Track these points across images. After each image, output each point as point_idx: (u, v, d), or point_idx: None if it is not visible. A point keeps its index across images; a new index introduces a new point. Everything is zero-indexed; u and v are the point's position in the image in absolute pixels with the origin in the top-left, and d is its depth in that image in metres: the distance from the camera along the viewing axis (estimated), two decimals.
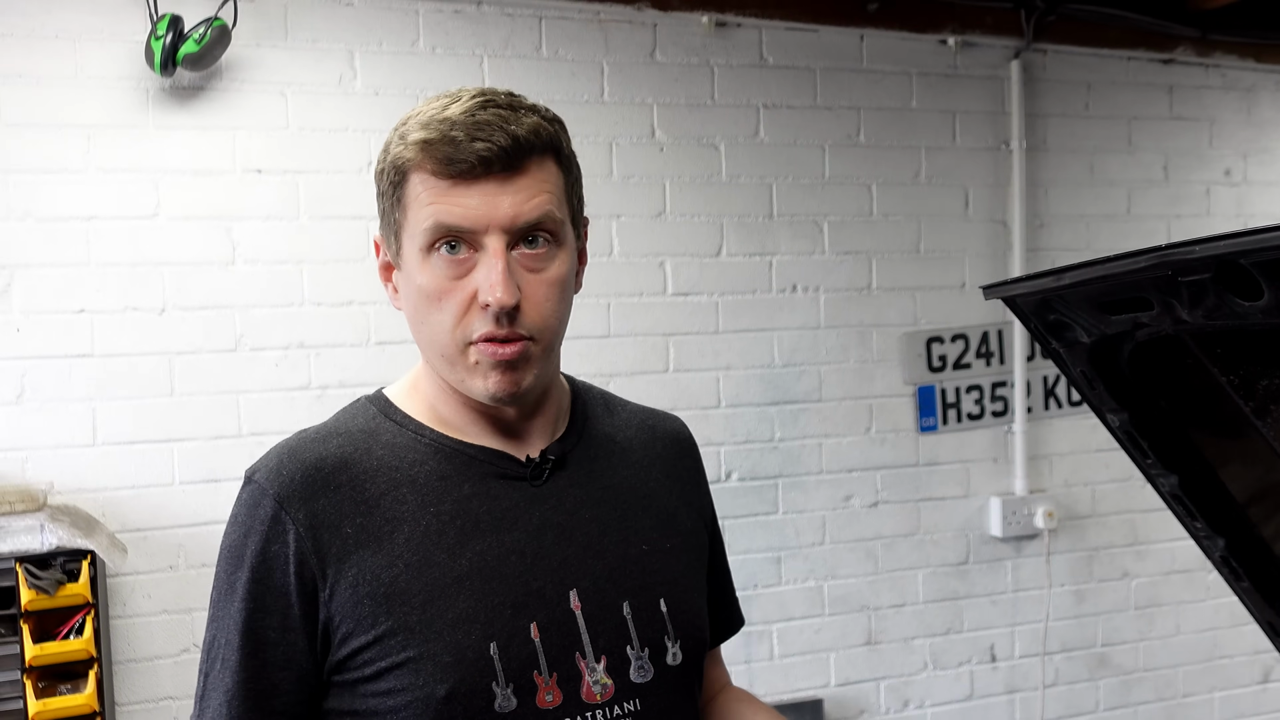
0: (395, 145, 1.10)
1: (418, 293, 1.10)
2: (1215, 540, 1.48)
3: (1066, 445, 3.48)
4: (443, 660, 1.06)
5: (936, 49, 3.28)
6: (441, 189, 1.07)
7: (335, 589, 1.07)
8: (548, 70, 2.89)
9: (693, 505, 1.32)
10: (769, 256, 3.12)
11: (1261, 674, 3.73)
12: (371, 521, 1.10)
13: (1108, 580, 3.55)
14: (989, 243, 3.36)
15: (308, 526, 1.08)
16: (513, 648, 1.08)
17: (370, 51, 2.74)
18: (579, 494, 1.19)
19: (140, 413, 2.59)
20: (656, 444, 1.32)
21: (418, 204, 1.08)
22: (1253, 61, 3.61)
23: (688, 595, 1.23)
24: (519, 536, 1.13)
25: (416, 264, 1.10)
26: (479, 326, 1.08)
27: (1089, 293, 1.26)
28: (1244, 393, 1.28)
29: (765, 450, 3.14)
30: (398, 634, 1.06)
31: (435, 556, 1.09)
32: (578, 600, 1.13)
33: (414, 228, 1.09)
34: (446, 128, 1.06)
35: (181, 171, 2.61)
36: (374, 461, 1.13)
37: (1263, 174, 3.69)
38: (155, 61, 2.47)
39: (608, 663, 1.13)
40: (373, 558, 1.08)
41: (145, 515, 2.60)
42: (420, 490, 1.13)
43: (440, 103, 1.09)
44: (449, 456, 1.15)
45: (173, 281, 2.61)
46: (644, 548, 1.20)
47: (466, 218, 1.07)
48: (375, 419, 1.18)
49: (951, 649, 3.38)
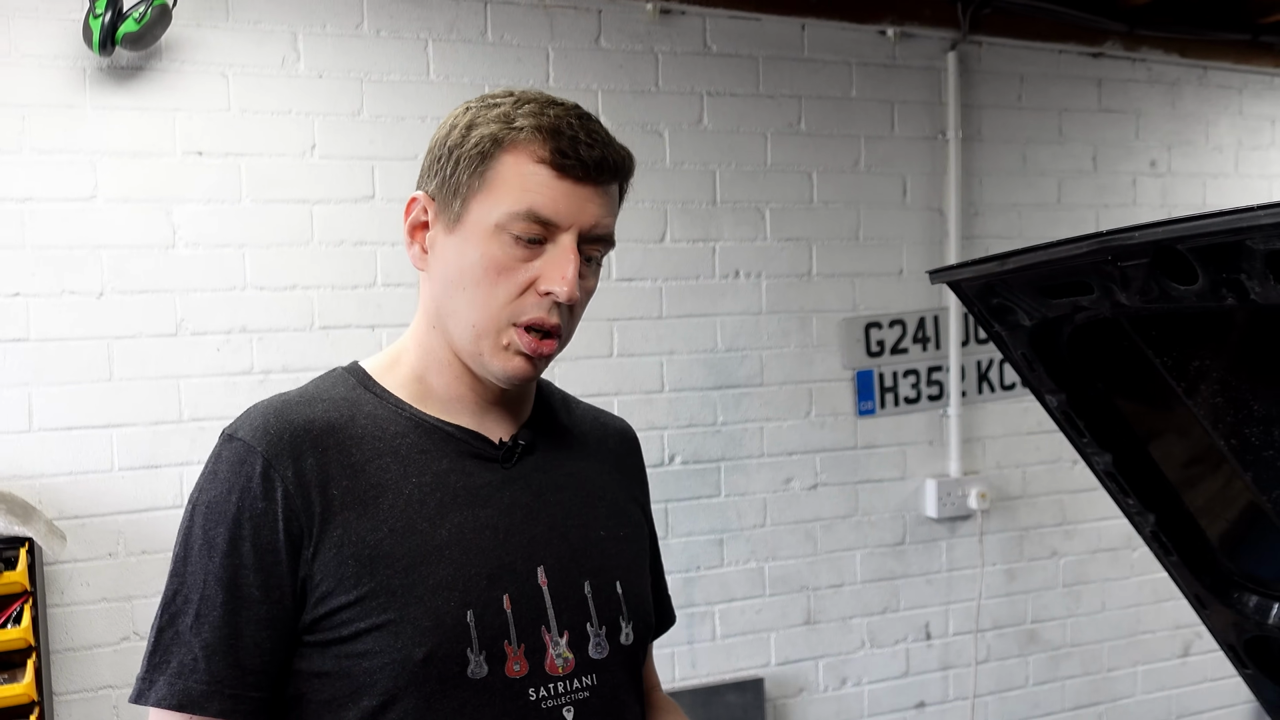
0: (492, 121, 1.14)
1: (477, 261, 1.14)
2: (1146, 516, 1.54)
3: (999, 428, 3.58)
4: (422, 625, 1.09)
5: (876, 39, 3.34)
6: (545, 176, 1.12)
7: (319, 548, 1.10)
8: (493, 55, 2.89)
9: (637, 500, 1.39)
10: (712, 242, 3.15)
11: (1182, 648, 3.87)
12: (357, 485, 1.13)
13: (1037, 559, 3.65)
14: (926, 230, 3.43)
15: (296, 485, 1.11)
16: (487, 616, 1.13)
17: (314, 34, 2.72)
18: (544, 479, 1.24)
19: (78, 398, 2.55)
20: (608, 440, 1.38)
21: (512, 183, 1.12)
22: (1177, 56, 3.73)
23: (639, 580, 1.29)
24: (492, 513, 1.18)
25: (485, 234, 1.13)
26: (530, 310, 1.14)
27: (1031, 277, 1.31)
28: (1176, 373, 1.35)
29: (708, 434, 3.18)
30: (379, 596, 1.09)
31: (418, 524, 1.13)
32: (544, 576, 1.18)
33: (498, 202, 1.13)
34: (563, 125, 1.13)
35: (120, 153, 2.57)
36: (358, 429, 1.17)
37: (1186, 165, 3.81)
38: (94, 40, 2.42)
39: (570, 638, 1.18)
40: (358, 520, 1.12)
41: (84, 502, 2.57)
42: (402, 460, 1.16)
43: (535, 98, 1.16)
44: (428, 432, 1.19)
45: (111, 265, 2.57)
46: (601, 533, 1.26)
47: (559, 212, 1.12)
48: (355, 389, 1.22)
49: (888, 627, 3.46)
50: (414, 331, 1.24)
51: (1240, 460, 1.38)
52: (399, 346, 1.26)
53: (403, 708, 1.10)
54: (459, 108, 1.22)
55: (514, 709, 1.13)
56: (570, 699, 1.17)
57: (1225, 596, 1.57)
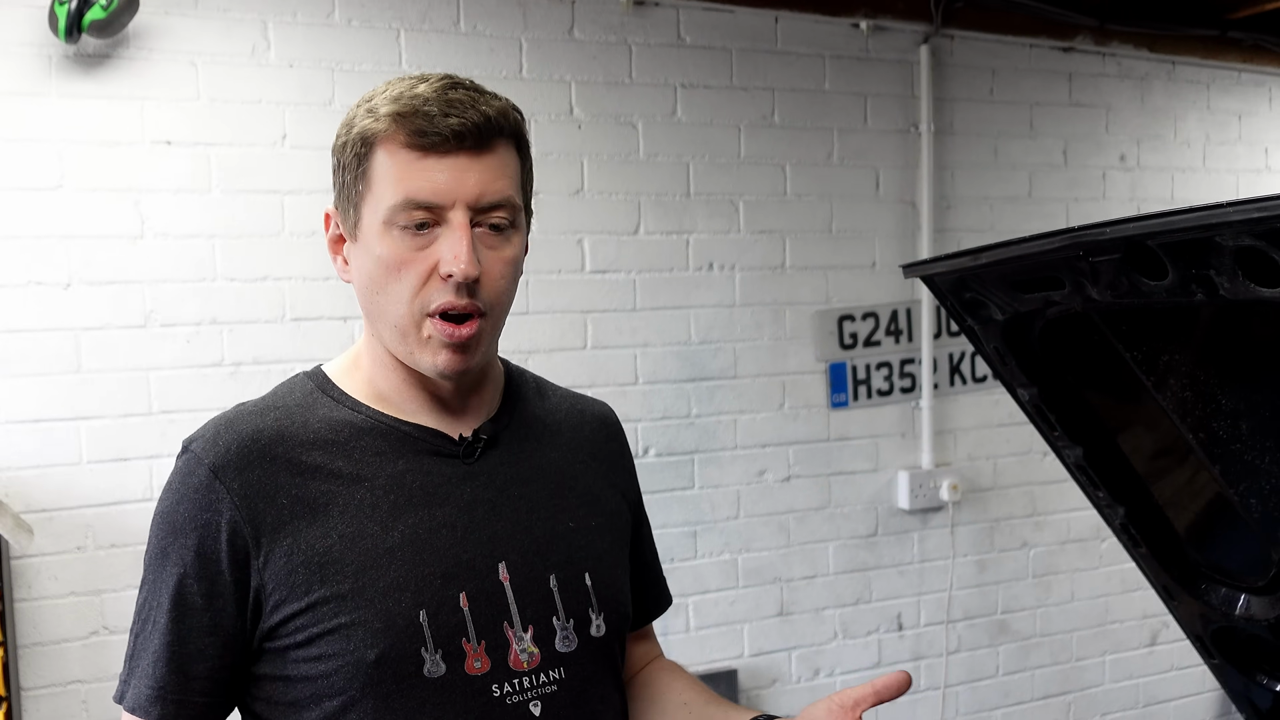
0: (362, 119, 1.12)
1: (376, 263, 1.12)
2: (1116, 509, 1.56)
3: (970, 420, 3.60)
4: (373, 626, 1.10)
5: (849, 32, 3.34)
6: (410, 161, 1.10)
7: (269, 557, 1.11)
8: (465, 45, 2.87)
9: (617, 487, 1.36)
10: (686, 235, 3.15)
11: (1149, 637, 3.92)
12: (306, 493, 1.13)
13: (1008, 550, 3.68)
14: (898, 223, 3.45)
15: (242, 496, 1.11)
16: (441, 615, 1.12)
17: (284, 23, 2.69)
18: (509, 472, 1.23)
19: (45, 390, 2.52)
20: (584, 427, 1.36)
21: (385, 177, 1.11)
22: (1147, 51, 3.76)
23: (611, 571, 1.28)
24: (450, 511, 1.17)
25: (377, 235, 1.12)
26: (437, 297, 1.11)
27: (1004, 272, 1.31)
28: (1146, 368, 1.36)
29: (681, 426, 3.19)
30: (330, 601, 1.10)
31: (368, 528, 1.13)
32: (506, 572, 1.17)
33: (378, 200, 1.11)
34: (419, 102, 1.09)
35: (87, 142, 2.53)
36: (310, 435, 1.16)
37: (1155, 160, 3.84)
38: (59, 28, 2.39)
39: (534, 632, 1.17)
40: (308, 529, 1.12)
41: (51, 495, 2.54)
42: (356, 465, 1.16)
43: (407, 82, 1.13)
44: (384, 433, 1.18)
45: (79, 255, 2.54)
46: (570, 525, 1.25)
47: (436, 192, 1.10)
48: (312, 394, 1.21)
49: (860, 618, 3.48)
50: (364, 336, 1.24)
51: (1208, 453, 1.40)
52: (359, 349, 1.25)
53: (362, 709, 1.11)
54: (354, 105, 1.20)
55: (476, 706, 1.13)
56: (537, 694, 1.16)
57: (1193, 588, 1.59)
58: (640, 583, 1.39)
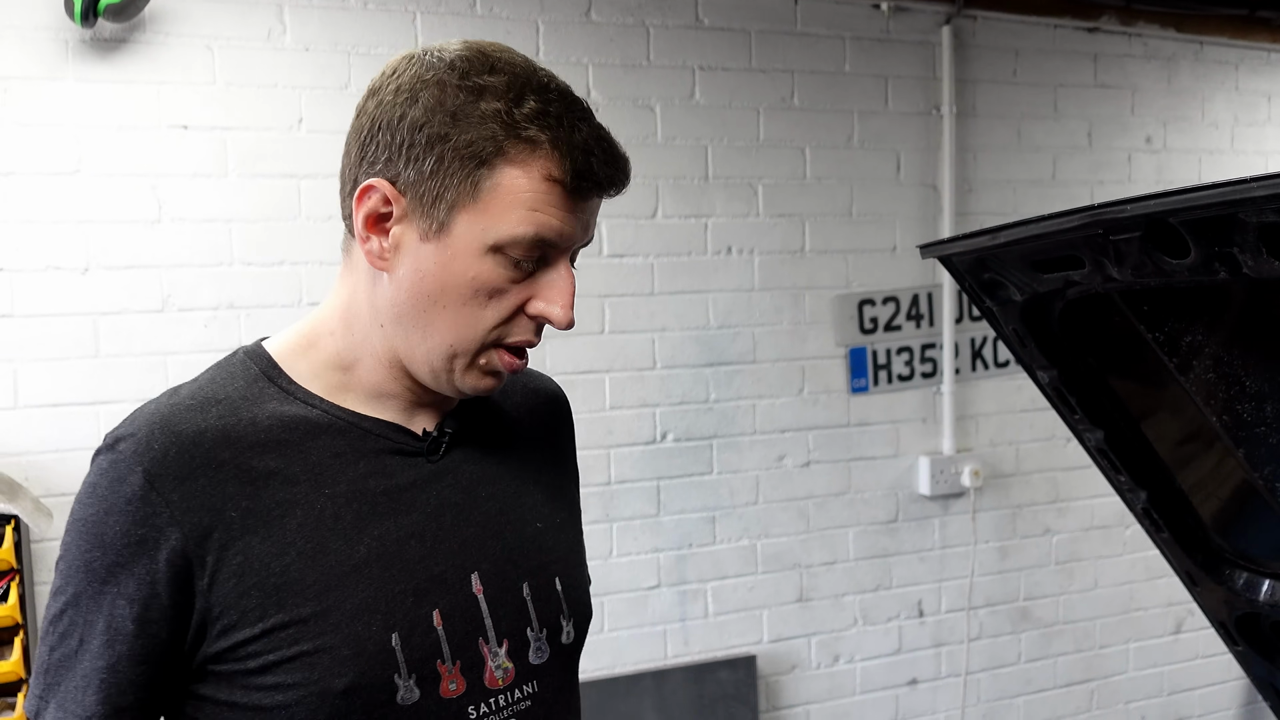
0: (490, 120, 0.99)
1: (463, 281, 1.02)
2: (1138, 493, 1.54)
3: (992, 405, 3.57)
4: (341, 653, 1.00)
5: (869, 14, 3.30)
6: (556, 200, 1.01)
7: (216, 578, 0.99)
8: (482, 28, 2.86)
9: (571, 475, 1.31)
10: (704, 218, 3.13)
11: (1174, 625, 3.88)
12: (259, 504, 1.01)
13: (1030, 536, 3.65)
14: (919, 206, 3.41)
15: (183, 509, 0.98)
16: (415, 637, 1.04)
17: (300, 6, 2.68)
18: (475, 470, 1.15)
19: (64, 375, 2.53)
20: (540, 410, 1.29)
21: (515, 202, 1.00)
22: (1173, 31, 3.70)
23: (577, 571, 1.22)
24: (418, 518, 1.08)
25: (475, 254, 1.01)
26: (518, 333, 1.06)
27: (1023, 251, 1.29)
28: (1168, 349, 1.33)
29: (700, 411, 3.17)
30: (289, 627, 0.99)
31: (331, 543, 1.03)
32: (479, 584, 1.10)
33: (495, 220, 1.00)
34: (583, 138, 1.00)
35: (104, 126, 2.54)
36: (260, 435, 1.04)
37: (1181, 141, 3.78)
38: (75, 12, 2.39)
39: (509, 646, 1.10)
40: (261, 544, 1.00)
41: (70, 479, 2.55)
42: (312, 469, 1.05)
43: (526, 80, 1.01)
44: (342, 431, 1.08)
45: (96, 240, 2.54)
46: (538, 525, 1.18)
47: (564, 235, 1.02)
48: (257, 382, 1.08)
49: (881, 605, 3.46)
50: (346, 317, 1.10)
51: (1232, 437, 1.37)
52: (317, 327, 1.12)
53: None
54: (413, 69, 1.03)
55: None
56: (512, 711, 1.10)
57: (1216, 573, 1.57)
58: None
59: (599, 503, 3.05)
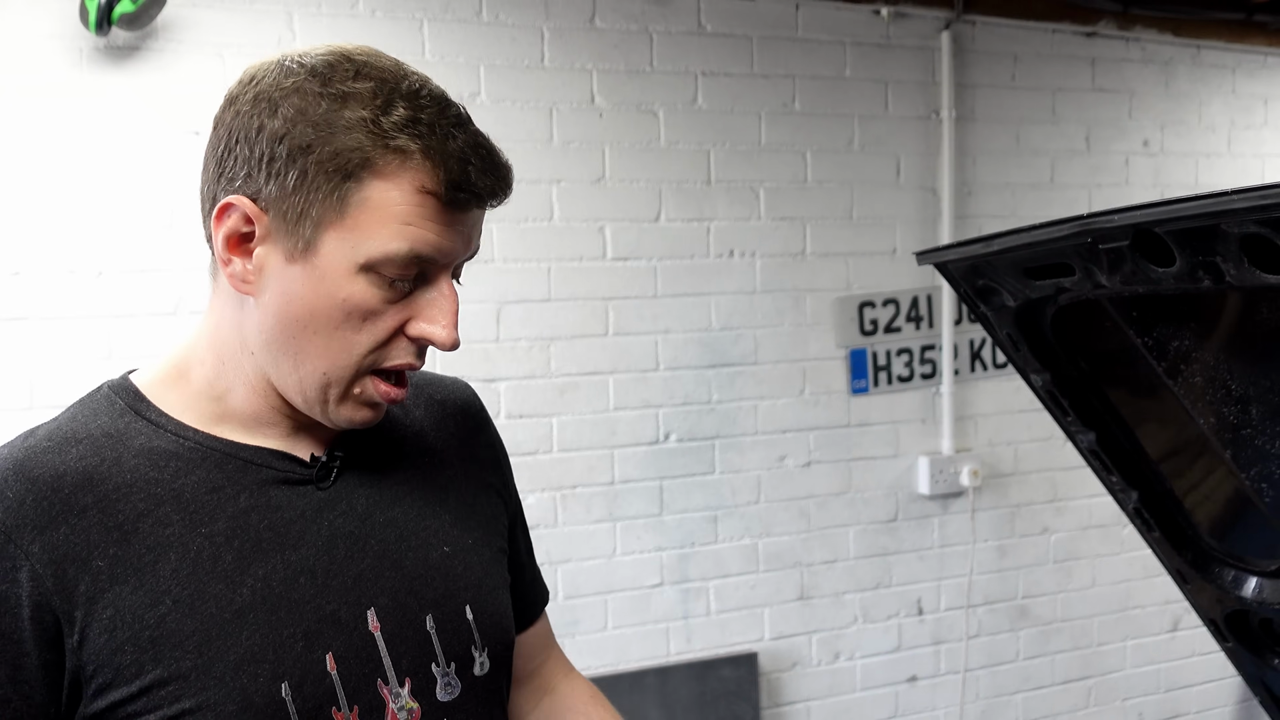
0: (355, 129, 0.92)
1: (333, 305, 0.94)
2: (1129, 493, 1.58)
3: (991, 406, 3.61)
4: (226, 710, 0.92)
5: (870, 19, 3.34)
6: (430, 214, 0.93)
7: (86, 634, 0.90)
8: (488, 35, 2.90)
9: (491, 487, 1.22)
10: (707, 222, 3.17)
11: (1171, 623, 3.92)
12: (128, 551, 0.93)
13: (1028, 535, 3.69)
14: (919, 210, 3.45)
15: (46, 562, 0.90)
16: (306, 685, 0.96)
17: (309, 14, 2.72)
18: (371, 495, 1.06)
19: (79, 377, 2.57)
20: (448, 422, 1.20)
21: (386, 217, 0.92)
22: (1171, 36, 3.73)
23: (493, 596, 1.13)
24: (307, 553, 1.00)
25: (344, 275, 0.94)
26: (397, 356, 0.98)
27: (1015, 259, 1.33)
28: (1157, 354, 1.37)
29: (702, 412, 3.21)
30: (169, 683, 0.91)
31: (210, 588, 0.94)
32: (376, 620, 1.01)
33: (367, 237, 0.93)
34: (456, 146, 0.93)
35: (117, 132, 2.58)
36: (126, 474, 0.95)
37: (1179, 145, 3.82)
38: (90, 20, 2.43)
39: (412, 685, 1.02)
40: (132, 595, 0.92)
41: None
42: (186, 507, 0.96)
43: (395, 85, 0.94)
44: (219, 463, 0.99)
45: (110, 244, 2.59)
46: (445, 549, 1.09)
47: (442, 250, 0.95)
48: (123, 417, 1.00)
49: (881, 603, 3.50)
50: (214, 344, 1.02)
51: (1219, 439, 1.41)
52: (187, 356, 1.04)
53: None
54: (272, 76, 0.96)
55: None
56: None
57: (1206, 571, 1.61)
58: (518, 584, 1.25)
59: (603, 502, 3.10)
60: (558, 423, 3.01)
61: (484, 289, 2.88)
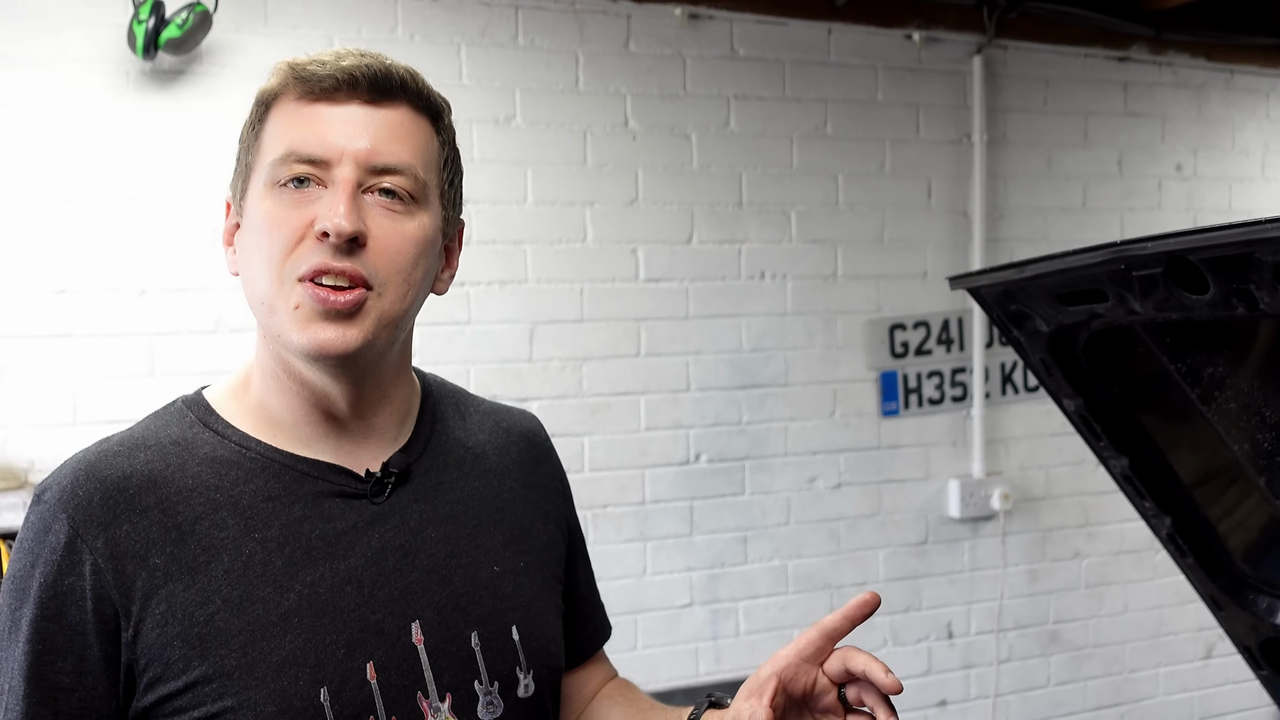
0: (259, 97, 1.04)
1: (259, 227, 0.99)
2: (1162, 519, 1.58)
3: (1022, 429, 3.60)
4: (265, 710, 0.94)
5: (902, 44, 3.36)
6: (296, 110, 1.00)
7: (140, 628, 0.94)
8: (524, 59, 2.94)
9: (550, 516, 1.22)
10: (738, 244, 3.19)
11: (1205, 650, 3.88)
12: (184, 551, 0.97)
13: (1060, 560, 3.67)
14: (950, 233, 3.46)
15: (108, 556, 0.94)
16: (345, 692, 0.98)
17: (349, 38, 2.77)
18: (424, 511, 1.08)
19: (121, 393, 2.62)
20: (512, 449, 1.22)
21: (271, 134, 1.01)
22: (1204, 60, 3.73)
23: (542, 619, 1.14)
24: (355, 563, 1.02)
25: (259, 198, 1.00)
26: (309, 258, 0.97)
27: (1048, 285, 1.35)
28: (1191, 380, 1.38)
29: (733, 433, 3.23)
30: (213, 680, 0.94)
31: (258, 590, 0.97)
32: (420, 633, 1.03)
33: (263, 161, 1.00)
34: (326, 57, 1.01)
35: (162, 154, 2.63)
36: (189, 480, 1.00)
37: (1212, 169, 3.81)
38: (137, 45, 2.49)
39: (453, 701, 1.03)
40: (185, 593, 0.95)
41: None
42: (243, 514, 1.00)
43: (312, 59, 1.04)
44: (278, 473, 1.03)
45: (153, 263, 2.64)
46: (495, 569, 1.11)
47: (322, 143, 0.98)
48: (192, 428, 1.04)
49: (910, 626, 3.49)
50: (255, 348, 1.07)
51: (1254, 465, 1.41)
52: (248, 369, 1.09)
53: None
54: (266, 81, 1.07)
55: None
56: None
57: (1240, 598, 1.60)
58: (576, 618, 1.25)
59: (633, 522, 3.11)
60: (589, 442, 3.03)
61: (517, 309, 2.91)
